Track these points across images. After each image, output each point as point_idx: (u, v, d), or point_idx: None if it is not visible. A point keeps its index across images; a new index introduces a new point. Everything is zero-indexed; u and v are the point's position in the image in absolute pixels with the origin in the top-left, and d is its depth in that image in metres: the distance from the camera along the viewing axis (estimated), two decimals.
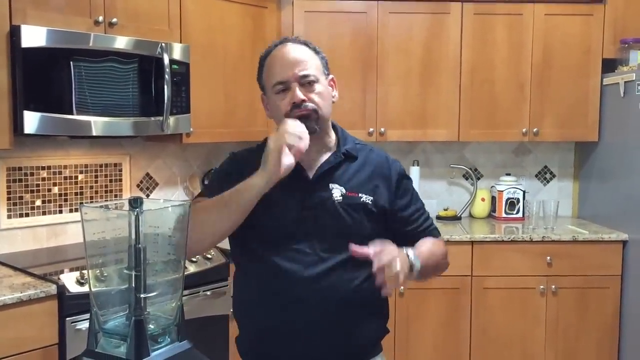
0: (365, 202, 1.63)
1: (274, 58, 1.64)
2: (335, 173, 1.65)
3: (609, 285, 3.36)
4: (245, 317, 1.72)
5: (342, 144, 1.70)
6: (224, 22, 3.18)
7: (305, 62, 1.61)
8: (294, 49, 1.63)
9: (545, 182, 3.99)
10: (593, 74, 3.56)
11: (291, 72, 1.59)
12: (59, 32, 2.45)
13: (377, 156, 1.74)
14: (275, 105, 1.63)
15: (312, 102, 1.60)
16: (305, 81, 1.60)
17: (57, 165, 2.92)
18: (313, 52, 1.66)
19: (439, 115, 3.56)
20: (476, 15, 3.51)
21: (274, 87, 1.61)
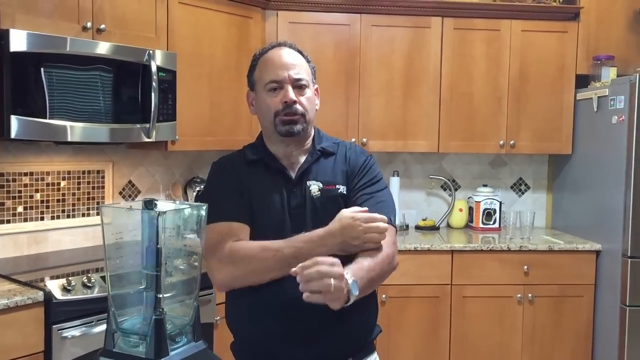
0: (342, 193, 1.70)
1: (270, 58, 1.70)
2: (313, 170, 1.72)
3: (583, 294, 3.46)
4: (239, 322, 1.74)
5: (317, 142, 1.76)
6: (211, 31, 3.19)
7: (299, 67, 1.69)
8: (290, 53, 1.71)
9: (520, 193, 4.09)
10: (567, 89, 3.68)
11: (286, 73, 1.66)
12: (47, 37, 2.43)
13: (349, 150, 1.79)
14: (264, 102, 1.68)
15: (302, 106, 1.67)
16: (298, 84, 1.67)
17: (39, 172, 2.89)
18: (305, 60, 1.74)
19: (419, 126, 3.63)
20: (456, 30, 3.60)
21: (267, 84, 1.67)
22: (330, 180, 1.71)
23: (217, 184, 1.75)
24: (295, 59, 1.70)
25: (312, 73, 1.76)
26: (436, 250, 3.37)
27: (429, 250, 3.35)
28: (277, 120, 1.66)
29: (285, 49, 1.72)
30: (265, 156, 1.74)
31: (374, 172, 1.77)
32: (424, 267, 3.32)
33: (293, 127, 1.66)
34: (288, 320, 1.61)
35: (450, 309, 3.41)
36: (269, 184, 1.70)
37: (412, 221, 3.94)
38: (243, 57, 3.35)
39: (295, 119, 1.65)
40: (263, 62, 1.71)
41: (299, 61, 1.71)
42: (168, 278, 1.16)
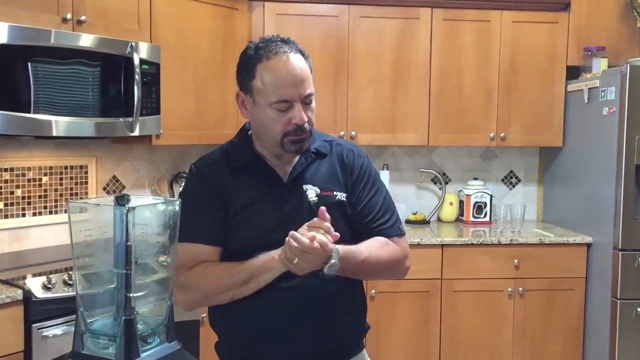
0: (341, 200, 1.60)
1: (277, 70, 1.51)
2: (307, 173, 1.62)
3: (574, 287, 3.43)
4: (223, 322, 1.68)
5: (311, 143, 1.63)
6: (195, 23, 3.13)
7: (308, 79, 1.55)
8: (295, 61, 1.52)
9: (511, 186, 4.05)
10: (558, 81, 3.64)
11: (296, 92, 1.51)
12: (25, 28, 2.36)
13: (342, 149, 1.69)
14: (269, 118, 1.54)
15: (310, 122, 1.56)
16: (307, 100, 1.55)
17: (20, 167, 2.82)
18: (306, 60, 1.58)
19: (408, 119, 3.58)
20: (445, 21, 3.55)
21: (275, 103, 1.52)
22: (327, 186, 1.61)
23: (192, 198, 1.59)
24: (303, 68, 1.53)
25: (311, 70, 1.60)
26: (426, 245, 3.33)
27: (418, 245, 3.31)
28: (285, 139, 1.54)
29: (291, 55, 1.52)
30: (252, 160, 1.63)
31: (375, 174, 1.70)
32: (414, 262, 3.18)
33: (302, 146, 1.57)
34: (273, 319, 1.57)
35: (440, 303, 3.37)
36: (258, 189, 1.59)
37: (402, 215, 3.85)
38: (229, 49, 3.29)
39: (304, 138, 1.56)
40: (268, 73, 1.51)
41: (306, 70, 1.54)
42: (140, 277, 1.10)
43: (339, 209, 1.58)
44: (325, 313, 1.57)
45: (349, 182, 1.63)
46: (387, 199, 1.67)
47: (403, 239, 1.66)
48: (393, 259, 1.62)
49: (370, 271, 1.60)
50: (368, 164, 1.69)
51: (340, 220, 1.56)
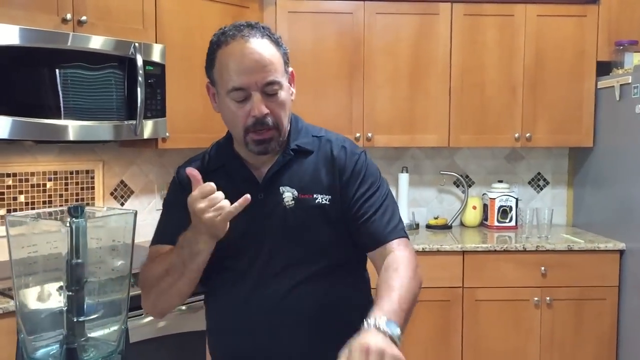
0: (320, 204, 1.43)
1: (231, 55, 1.37)
2: (285, 174, 1.45)
3: (605, 297, 3.22)
4: (213, 346, 1.58)
5: (292, 138, 1.48)
6: (203, 22, 3.03)
7: (269, 64, 1.37)
8: (256, 46, 1.36)
9: (539, 189, 3.85)
10: (587, 77, 3.44)
11: (253, 79, 1.35)
12: (23, 30, 2.29)
13: (332, 146, 1.49)
14: (230, 111, 1.40)
15: (274, 115, 1.39)
16: (269, 90, 1.37)
17: (23, 172, 2.75)
18: (275, 47, 1.41)
19: (428, 119, 3.42)
20: (466, 16, 3.38)
21: (230, 92, 1.37)
22: (307, 187, 1.44)
23: (167, 202, 1.57)
24: (263, 53, 1.36)
25: (286, 59, 1.44)
26: (446, 251, 3.16)
27: (438, 251, 3.15)
28: (248, 137, 1.40)
29: (250, 40, 1.36)
30: (228, 162, 1.50)
31: (372, 173, 1.50)
32: (434, 269, 3.11)
33: (267, 147, 1.41)
34: (259, 343, 1.44)
35: (462, 313, 3.20)
36: (232, 192, 1.40)
37: (422, 220, 3.73)
38: None
39: (268, 137, 1.39)
40: (223, 59, 1.38)
41: (268, 54, 1.37)
42: (92, 297, 0.99)
43: (319, 214, 1.43)
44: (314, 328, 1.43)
45: (337, 183, 1.45)
46: (387, 200, 1.49)
47: (405, 242, 1.45)
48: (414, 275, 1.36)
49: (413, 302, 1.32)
50: (364, 161, 1.50)
51: (322, 226, 1.43)
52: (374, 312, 1.20)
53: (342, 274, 1.48)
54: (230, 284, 1.48)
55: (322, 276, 1.43)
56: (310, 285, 1.42)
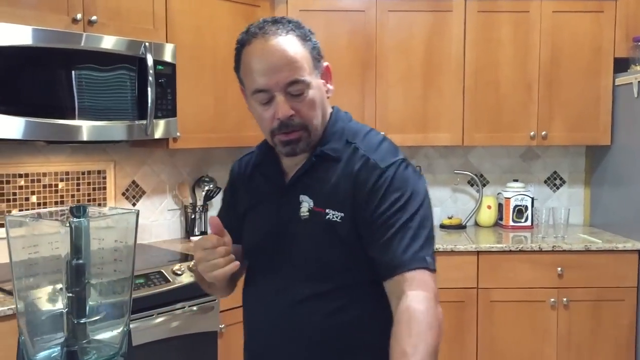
0: (331, 221, 1.29)
1: (252, 54, 1.29)
2: (309, 180, 1.35)
3: (624, 298, 3.15)
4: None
5: (321, 143, 1.35)
6: (214, 21, 3.01)
7: (293, 64, 1.27)
8: (277, 44, 1.27)
9: (555, 188, 3.79)
10: (604, 74, 3.37)
11: (274, 80, 1.26)
12: (36, 30, 2.29)
13: (359, 158, 1.33)
14: (257, 114, 1.34)
15: (301, 116, 1.29)
16: (293, 90, 1.28)
17: (35, 173, 2.75)
18: (301, 42, 1.31)
19: (441, 118, 3.37)
20: (480, 13, 3.33)
21: (253, 94, 1.31)
22: (322, 200, 1.31)
23: (223, 193, 1.63)
24: (285, 51, 1.27)
25: (315, 55, 1.34)
26: (460, 251, 3.12)
27: (452, 251, 3.10)
28: (275, 139, 1.32)
29: (271, 37, 1.28)
30: (265, 160, 1.44)
31: (398, 188, 1.28)
32: (448, 270, 3.06)
33: (295, 148, 1.31)
34: (266, 354, 1.41)
35: (476, 314, 3.15)
36: (263, 191, 1.42)
37: (436, 220, 3.69)
38: None
39: (295, 138, 1.30)
40: (246, 59, 1.32)
41: (291, 52, 1.27)
42: (94, 299, 0.97)
43: (328, 232, 1.29)
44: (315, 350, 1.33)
45: (353, 200, 1.30)
46: (413, 221, 1.26)
47: (423, 277, 1.21)
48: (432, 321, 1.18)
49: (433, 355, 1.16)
50: (389, 176, 1.29)
51: (330, 245, 1.30)
52: None
53: (353, 297, 1.32)
54: (251, 281, 1.46)
55: (327, 297, 1.31)
56: (313, 305, 1.32)
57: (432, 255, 1.25)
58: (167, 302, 2.50)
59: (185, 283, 2.58)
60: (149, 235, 3.18)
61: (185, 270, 2.62)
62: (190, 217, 3.28)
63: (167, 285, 2.53)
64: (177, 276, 2.58)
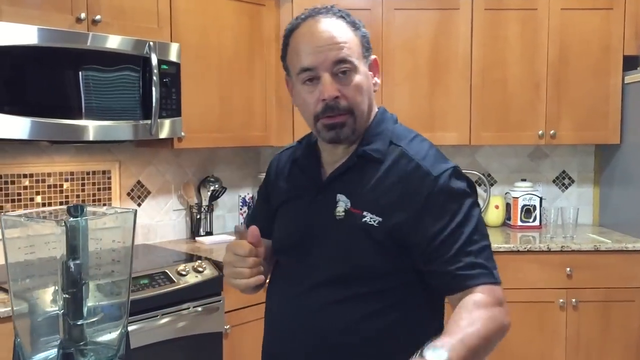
0: (367, 224, 1.24)
1: (300, 35, 1.28)
2: (347, 180, 1.30)
3: (634, 298, 3.11)
4: None
5: (363, 142, 1.31)
6: (219, 21, 3.00)
7: (340, 44, 1.25)
8: (327, 25, 1.27)
9: (564, 187, 3.75)
10: (614, 72, 3.33)
11: (322, 57, 1.24)
12: (41, 30, 2.29)
13: (408, 163, 1.28)
14: (301, 98, 1.31)
15: (347, 99, 1.26)
16: (340, 70, 1.25)
17: (40, 173, 2.75)
18: (352, 28, 1.30)
19: (448, 117, 3.34)
20: (487, 11, 3.30)
21: (299, 74, 1.28)
22: (360, 202, 1.26)
23: (260, 186, 1.59)
24: (336, 32, 1.26)
25: (365, 44, 1.32)
26: None
27: None
28: (318, 125, 1.28)
29: (322, 18, 1.28)
30: (305, 154, 1.40)
31: (455, 198, 1.24)
32: None
33: (340, 133, 1.27)
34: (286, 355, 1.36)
35: None
36: (298, 187, 1.38)
37: None
38: (255, 47, 3.15)
39: (340, 122, 1.26)
40: (294, 42, 1.30)
41: (341, 34, 1.26)
42: (92, 300, 0.95)
43: (364, 235, 1.24)
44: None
45: (408, 208, 1.24)
46: (475, 234, 1.23)
47: (493, 288, 1.21)
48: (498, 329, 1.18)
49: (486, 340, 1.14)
50: (443, 185, 1.24)
51: (365, 248, 1.25)
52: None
53: (382, 302, 1.27)
54: (278, 278, 1.43)
55: (357, 302, 1.25)
56: (340, 308, 1.26)
57: (496, 267, 1.25)
58: (171, 303, 2.49)
59: (190, 283, 2.57)
60: (154, 235, 3.17)
61: (191, 270, 2.61)
62: (196, 217, 3.27)
63: (171, 286, 2.51)
64: (182, 276, 2.56)
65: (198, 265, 2.64)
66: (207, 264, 2.67)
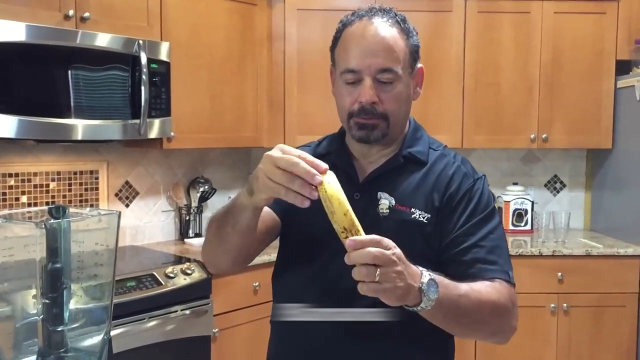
0: (417, 220, 1.28)
1: (352, 34, 1.29)
2: (389, 179, 1.33)
3: (625, 304, 3.10)
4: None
5: (406, 145, 1.36)
6: (210, 20, 2.96)
7: (389, 52, 1.26)
8: (380, 29, 1.27)
9: (555, 192, 3.74)
10: (606, 76, 3.32)
11: (367, 63, 1.25)
12: (29, 26, 2.25)
13: (446, 165, 1.35)
14: (340, 94, 1.32)
15: (384, 106, 1.27)
16: (383, 78, 1.27)
17: (26, 173, 2.70)
18: (403, 37, 1.31)
19: (441, 120, 3.32)
20: (480, 14, 3.28)
21: (343, 73, 1.29)
22: (405, 199, 1.30)
23: None
24: (386, 39, 1.27)
25: (413, 53, 1.33)
26: None
27: None
28: (351, 122, 1.30)
29: (376, 22, 1.28)
30: (336, 150, 1.40)
31: (485, 202, 1.32)
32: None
33: (370, 134, 1.29)
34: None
35: None
36: None
37: None
38: (247, 47, 3.12)
39: (373, 123, 1.28)
40: (345, 38, 1.31)
41: (391, 41, 1.27)
42: (73, 305, 0.91)
43: (416, 231, 1.27)
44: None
45: (443, 205, 1.30)
46: (495, 235, 1.30)
47: (509, 289, 1.26)
48: (501, 304, 1.22)
49: (470, 315, 1.18)
50: (480, 187, 1.33)
51: (417, 244, 1.26)
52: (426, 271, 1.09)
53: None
54: (303, 277, 1.34)
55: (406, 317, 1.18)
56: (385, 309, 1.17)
57: (512, 269, 1.30)
58: (159, 306, 2.45)
59: (179, 286, 2.52)
60: (142, 236, 3.12)
61: (179, 272, 2.57)
62: (185, 219, 3.23)
63: (159, 289, 2.47)
64: (170, 279, 2.52)
65: (187, 268, 2.60)
66: (195, 266, 2.63)
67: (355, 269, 1.00)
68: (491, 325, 1.23)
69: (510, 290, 1.26)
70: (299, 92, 3.18)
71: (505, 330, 1.26)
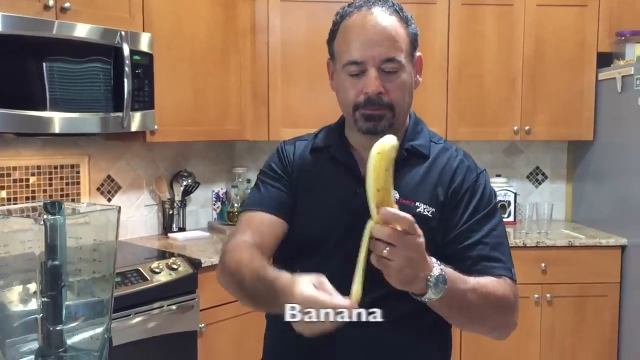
0: (422, 214, 1.27)
1: (352, 26, 1.28)
2: None
3: (607, 294, 3.14)
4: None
5: (407, 139, 1.35)
6: (192, 11, 2.91)
7: (392, 41, 1.26)
8: (380, 19, 1.26)
9: (537, 183, 3.77)
10: (588, 69, 3.35)
11: (371, 53, 1.24)
12: (6, 16, 2.18)
13: (449, 158, 1.35)
14: (343, 85, 1.30)
15: (390, 96, 1.26)
16: (387, 67, 1.26)
17: (4, 167, 2.63)
18: (403, 24, 1.30)
19: (425, 112, 3.25)
20: (464, 6, 3.28)
21: (345, 65, 1.28)
22: (410, 193, 1.29)
23: (264, 171, 1.43)
24: (387, 28, 1.26)
25: (413, 41, 1.33)
26: None
27: None
28: (357, 114, 1.29)
29: (375, 11, 1.27)
30: (335, 144, 1.38)
31: (487, 197, 1.33)
32: None
33: (377, 125, 1.27)
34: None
35: None
36: (330, 178, 1.34)
37: None
38: (230, 39, 3.08)
39: (380, 114, 1.27)
40: (344, 30, 1.29)
41: (392, 30, 1.26)
42: (72, 301, 0.88)
43: (420, 225, 1.16)
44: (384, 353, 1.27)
45: (447, 200, 1.31)
46: (498, 232, 1.31)
47: (513, 286, 1.29)
48: (506, 300, 1.25)
49: (476, 309, 1.19)
50: (483, 181, 1.34)
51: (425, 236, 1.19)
52: None
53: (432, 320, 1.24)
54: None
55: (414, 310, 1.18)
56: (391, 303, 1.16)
57: (513, 266, 1.32)
58: (145, 302, 2.41)
59: (164, 281, 2.49)
60: (125, 231, 3.07)
61: (164, 268, 2.53)
62: (168, 213, 3.18)
63: (144, 284, 2.43)
64: (155, 274, 2.49)
65: (172, 263, 2.56)
66: (181, 261, 2.60)
67: None
68: (494, 320, 1.26)
69: (513, 286, 1.29)
70: (283, 85, 3.15)
71: (507, 325, 1.29)
